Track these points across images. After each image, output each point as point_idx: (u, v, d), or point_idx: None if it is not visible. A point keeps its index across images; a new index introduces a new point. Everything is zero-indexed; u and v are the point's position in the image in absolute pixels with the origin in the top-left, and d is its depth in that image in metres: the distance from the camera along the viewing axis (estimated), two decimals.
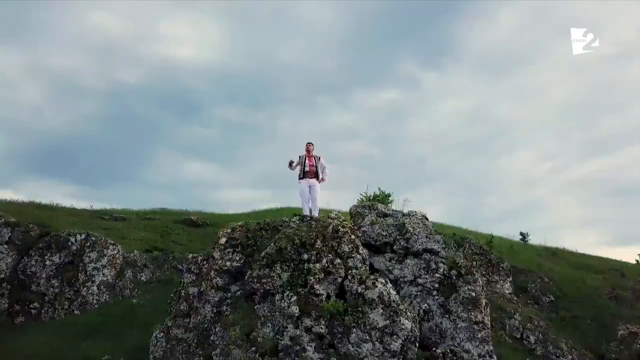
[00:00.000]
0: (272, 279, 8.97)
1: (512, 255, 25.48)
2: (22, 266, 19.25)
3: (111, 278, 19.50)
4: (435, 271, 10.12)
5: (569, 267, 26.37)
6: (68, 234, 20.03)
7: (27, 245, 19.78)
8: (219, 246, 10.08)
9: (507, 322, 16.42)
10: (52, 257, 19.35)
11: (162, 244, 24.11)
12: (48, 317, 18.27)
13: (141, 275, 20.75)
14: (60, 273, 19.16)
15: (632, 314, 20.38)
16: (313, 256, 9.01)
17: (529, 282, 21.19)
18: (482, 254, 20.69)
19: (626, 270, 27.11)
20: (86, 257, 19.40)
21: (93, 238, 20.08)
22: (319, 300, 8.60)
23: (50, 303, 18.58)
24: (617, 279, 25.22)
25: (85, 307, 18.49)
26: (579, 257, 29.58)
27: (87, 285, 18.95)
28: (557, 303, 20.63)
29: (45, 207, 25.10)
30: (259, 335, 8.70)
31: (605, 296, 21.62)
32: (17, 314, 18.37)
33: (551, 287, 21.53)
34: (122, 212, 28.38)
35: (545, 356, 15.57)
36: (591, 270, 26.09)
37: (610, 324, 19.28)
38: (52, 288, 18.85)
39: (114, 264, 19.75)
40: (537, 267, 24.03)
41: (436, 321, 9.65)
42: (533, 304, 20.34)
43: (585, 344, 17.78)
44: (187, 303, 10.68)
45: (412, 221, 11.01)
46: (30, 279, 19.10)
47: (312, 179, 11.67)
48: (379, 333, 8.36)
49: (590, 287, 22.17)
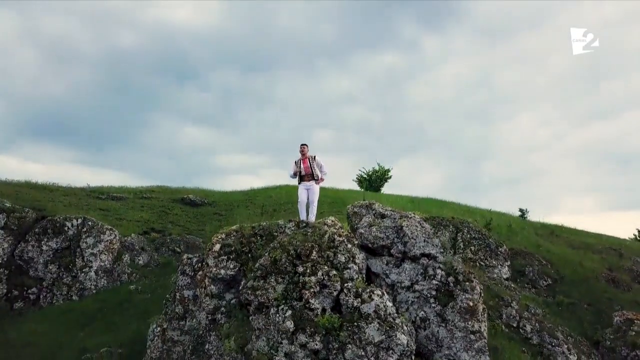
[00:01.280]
0: (266, 291, 8.83)
1: (511, 235, 25.48)
2: (19, 251, 19.20)
3: (108, 263, 19.47)
4: (433, 277, 9.98)
5: (567, 246, 26.38)
6: (64, 219, 19.90)
7: (24, 230, 19.68)
8: (212, 253, 9.91)
9: (503, 310, 16.41)
10: (49, 243, 19.27)
11: (159, 225, 24.05)
12: (47, 303, 18.33)
13: (139, 259, 20.73)
14: (58, 258, 19.14)
15: (629, 298, 20.46)
16: (308, 268, 8.84)
17: (526, 265, 21.18)
18: (481, 238, 20.63)
19: (624, 250, 27.15)
20: (83, 243, 19.32)
21: (90, 223, 19.96)
22: (314, 314, 8.48)
23: (49, 289, 18.61)
24: (615, 259, 25.26)
25: (84, 292, 18.52)
26: (577, 235, 29.61)
27: (84, 270, 18.94)
28: (554, 286, 20.68)
29: (41, 188, 24.89)
30: (254, 349, 8.64)
31: (603, 279, 21.65)
32: (16, 299, 18.42)
33: (549, 270, 21.54)
34: (118, 191, 28.21)
35: (541, 345, 15.64)
36: (589, 250, 26.12)
37: (606, 309, 19.36)
38: (50, 273, 18.85)
39: (111, 249, 19.67)
40: (535, 247, 24.02)
41: (433, 330, 9.58)
42: (530, 288, 20.39)
43: (581, 330, 17.88)
44: (182, 306, 10.60)
45: (410, 224, 10.80)
46: (27, 264, 19.08)
47: (309, 181, 11.40)
48: (375, 348, 8.28)
49: (587, 269, 22.19)
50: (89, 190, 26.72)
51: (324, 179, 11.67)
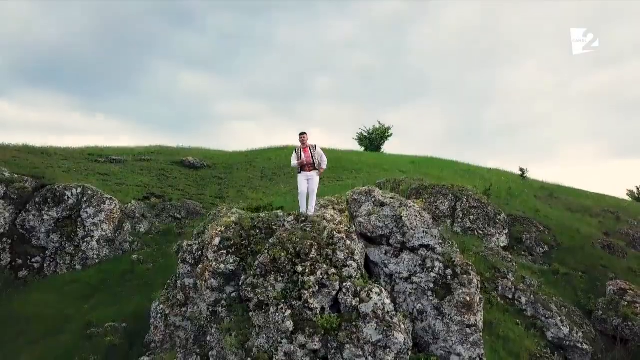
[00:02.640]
0: (266, 289, 8.95)
1: (510, 200, 25.60)
2: (21, 221, 19.33)
3: (110, 232, 19.65)
4: (431, 270, 10.08)
5: (565, 210, 26.57)
6: (64, 188, 19.90)
7: (24, 199, 19.73)
8: (212, 247, 9.95)
9: (500, 282, 16.74)
10: (49, 212, 19.37)
11: (159, 190, 24.08)
12: (51, 272, 18.65)
13: (140, 227, 20.89)
14: (60, 228, 19.29)
15: (623, 265, 20.78)
16: (307, 268, 8.91)
17: (524, 232, 21.35)
18: (480, 207, 20.72)
19: (622, 212, 27.35)
20: (84, 213, 19.42)
21: (89, 192, 19.98)
22: (313, 314, 8.63)
23: (52, 258, 18.87)
24: (612, 222, 25.51)
25: (86, 262, 18.80)
26: (576, 196, 29.75)
27: (86, 240, 19.14)
28: (550, 254, 20.95)
29: (38, 152, 24.75)
30: (254, 346, 8.85)
31: (599, 245, 21.90)
32: (20, 267, 18.72)
33: (547, 236, 21.74)
34: (117, 152, 28.07)
35: (535, 317, 16.04)
36: (587, 213, 26.33)
37: (600, 277, 19.69)
38: (53, 243, 19.06)
39: (112, 219, 19.80)
40: (534, 212, 24.18)
41: (430, 322, 9.78)
42: (527, 256, 20.67)
43: (575, 299, 18.27)
44: (183, 293, 10.78)
45: (410, 214, 10.79)
46: (29, 233, 19.27)
47: (310, 171, 11.30)
48: (372, 347, 8.48)
49: (584, 235, 22.42)
50: (87, 153, 26.56)
51: (324, 168, 11.57)
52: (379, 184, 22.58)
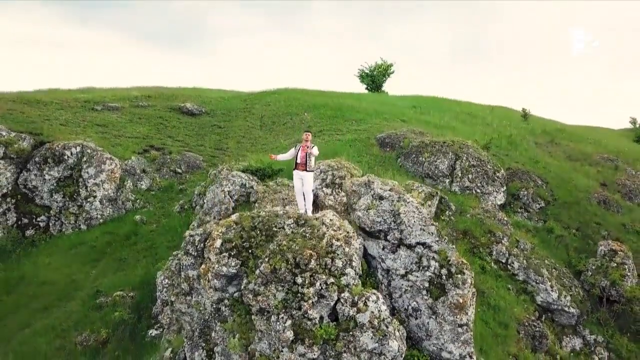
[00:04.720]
0: (267, 297, 9.29)
1: (510, 150, 25.58)
2: (23, 180, 19.48)
3: (112, 192, 19.86)
4: (427, 269, 10.38)
5: (564, 158, 26.63)
6: (63, 147, 19.84)
7: (24, 158, 19.75)
8: (214, 249, 10.18)
9: (494, 247, 17.21)
10: (50, 172, 19.47)
11: (158, 142, 24.00)
12: (57, 231, 19.10)
13: (141, 183, 21.07)
14: (62, 187, 19.48)
15: (617, 221, 21.21)
16: (307, 279, 9.18)
17: (522, 188, 21.56)
18: (479, 165, 20.76)
19: (621, 159, 27.43)
20: (85, 173, 19.52)
21: (89, 151, 19.95)
22: (312, 324, 9.03)
23: (57, 217, 19.23)
24: (610, 172, 25.67)
25: (91, 222, 19.20)
26: (576, 142, 29.65)
27: (89, 200, 19.41)
28: (546, 209, 21.30)
29: (34, 102, 24.33)
30: (257, 350, 9.36)
31: (595, 200, 22.23)
32: (26, 226, 19.16)
33: (543, 191, 22.00)
34: (113, 97, 27.58)
35: (526, 282, 16.69)
36: (586, 161, 26.40)
37: (593, 234, 20.20)
38: (56, 202, 19.34)
39: (113, 178, 19.93)
40: (533, 164, 24.27)
41: (423, 320, 10.24)
42: (523, 212, 21.04)
43: (566, 259, 18.86)
44: (187, 284, 11.17)
45: (408, 210, 10.90)
46: (32, 192, 19.50)
47: (302, 171, 11.27)
48: (368, 355, 8.97)
49: (581, 189, 22.67)
50: (83, 100, 26.11)
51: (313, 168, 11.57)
52: (380, 139, 22.44)
